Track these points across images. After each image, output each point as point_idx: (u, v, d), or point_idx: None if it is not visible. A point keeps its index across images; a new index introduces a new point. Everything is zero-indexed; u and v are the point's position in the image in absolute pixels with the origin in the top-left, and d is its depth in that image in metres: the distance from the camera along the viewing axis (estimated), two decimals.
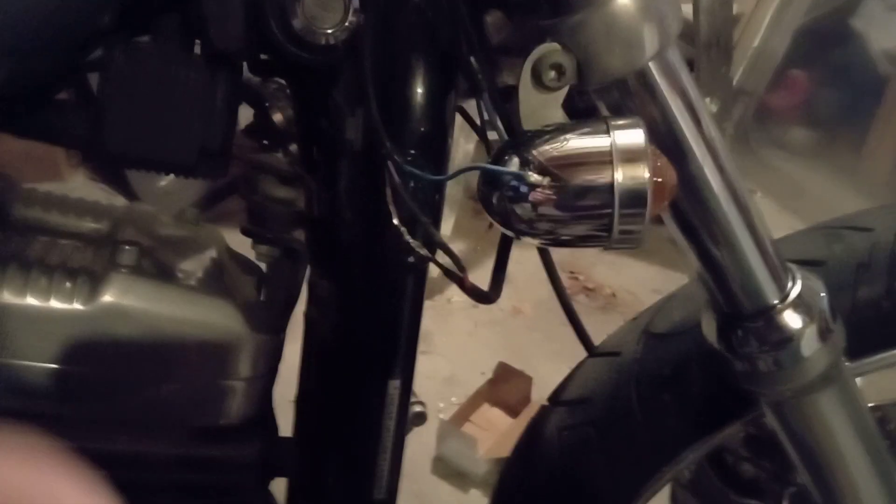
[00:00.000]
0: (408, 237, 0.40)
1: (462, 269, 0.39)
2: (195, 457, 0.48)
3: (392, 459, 0.54)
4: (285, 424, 0.61)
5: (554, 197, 0.37)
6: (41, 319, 0.44)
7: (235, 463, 0.50)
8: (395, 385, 0.52)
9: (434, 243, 0.40)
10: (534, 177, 0.36)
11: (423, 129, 0.47)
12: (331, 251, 0.52)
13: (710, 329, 0.55)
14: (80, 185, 2.05)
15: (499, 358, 1.81)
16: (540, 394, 1.76)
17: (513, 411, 1.70)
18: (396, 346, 0.52)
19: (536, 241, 0.40)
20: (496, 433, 1.64)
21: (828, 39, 2.29)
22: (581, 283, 2.17)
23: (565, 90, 0.43)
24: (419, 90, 0.47)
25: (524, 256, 0.59)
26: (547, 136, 0.39)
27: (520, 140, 0.40)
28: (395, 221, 0.42)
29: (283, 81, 0.57)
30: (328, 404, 0.54)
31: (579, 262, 2.20)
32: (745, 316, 0.52)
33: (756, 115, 2.29)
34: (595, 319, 0.74)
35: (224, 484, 0.50)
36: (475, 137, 0.58)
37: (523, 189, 0.38)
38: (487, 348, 1.93)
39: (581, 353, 0.77)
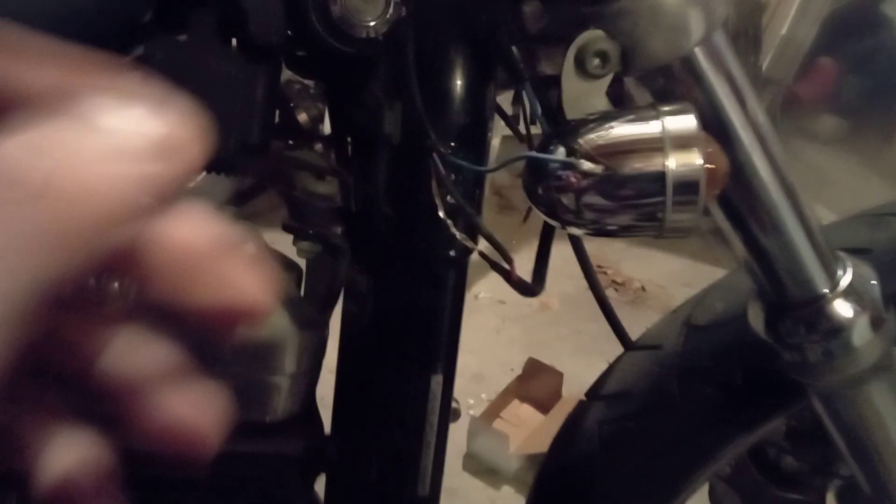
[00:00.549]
0: (454, 229, 0.40)
1: (509, 260, 0.38)
2: (240, 454, 0.48)
3: (435, 455, 0.53)
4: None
5: (603, 186, 0.36)
6: None
7: (280, 460, 0.49)
8: (437, 381, 0.52)
9: (479, 235, 0.39)
10: (585, 164, 0.35)
11: (463, 121, 0.46)
12: (370, 246, 0.51)
13: (757, 319, 0.54)
14: None
15: (526, 354, 1.80)
16: (569, 390, 1.75)
17: (543, 407, 1.69)
18: (438, 340, 0.51)
19: (581, 231, 0.40)
20: (527, 429, 1.64)
21: (857, 26, 2.25)
22: (609, 276, 2.15)
23: (609, 78, 0.43)
24: (459, 82, 0.47)
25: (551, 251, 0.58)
26: (592, 124, 0.38)
27: (565, 128, 0.39)
28: (441, 214, 0.42)
29: (309, 83, 0.57)
30: (368, 400, 0.53)
31: (607, 255, 2.18)
32: (794, 305, 0.51)
33: (784, 104, 2.26)
34: (625, 314, 0.73)
35: (268, 481, 0.50)
36: (501, 133, 0.57)
37: (571, 178, 0.37)
38: (515, 344, 1.92)
39: (610, 349, 0.76)
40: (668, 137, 0.36)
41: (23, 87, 0.18)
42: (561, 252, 0.69)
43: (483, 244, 0.50)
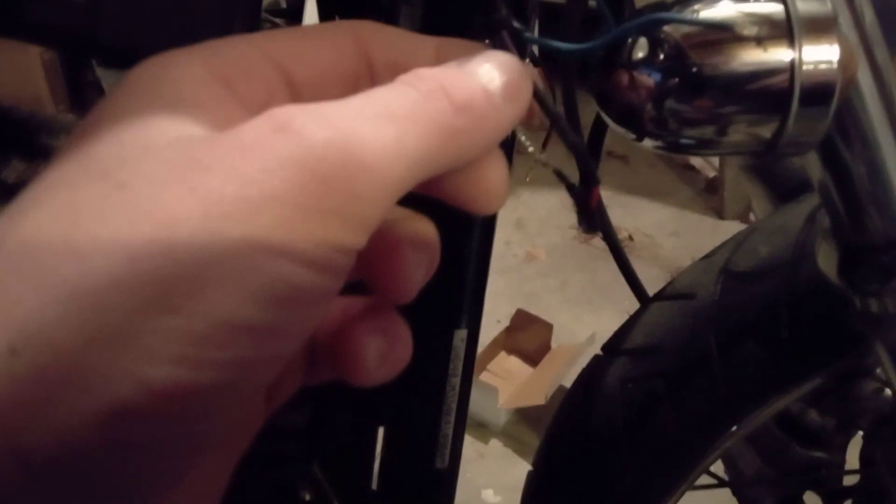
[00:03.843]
0: (523, 137, 0.30)
1: (592, 177, 0.29)
2: None
3: (456, 423, 0.46)
4: None
5: (707, 83, 0.28)
6: None
7: (282, 430, 0.41)
8: (461, 336, 0.44)
9: (571, 145, 0.29)
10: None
11: None
12: None
13: (828, 261, 0.47)
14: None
15: (513, 306, 1.74)
16: (557, 342, 1.70)
17: (531, 360, 1.64)
18: (463, 287, 0.43)
19: (662, 145, 0.31)
20: (515, 382, 1.58)
21: None
22: None
23: None
24: None
25: (536, 201, 0.50)
26: (688, 1, 0.29)
27: (655, 6, 0.30)
28: None
29: None
30: None
31: None
32: (877, 248, 0.44)
33: None
34: (612, 264, 0.66)
35: (269, 455, 0.42)
36: None
37: (658, 75, 0.29)
38: (502, 296, 1.85)
39: (599, 300, 0.69)
40: (798, 20, 0.28)
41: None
42: (546, 202, 0.62)
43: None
